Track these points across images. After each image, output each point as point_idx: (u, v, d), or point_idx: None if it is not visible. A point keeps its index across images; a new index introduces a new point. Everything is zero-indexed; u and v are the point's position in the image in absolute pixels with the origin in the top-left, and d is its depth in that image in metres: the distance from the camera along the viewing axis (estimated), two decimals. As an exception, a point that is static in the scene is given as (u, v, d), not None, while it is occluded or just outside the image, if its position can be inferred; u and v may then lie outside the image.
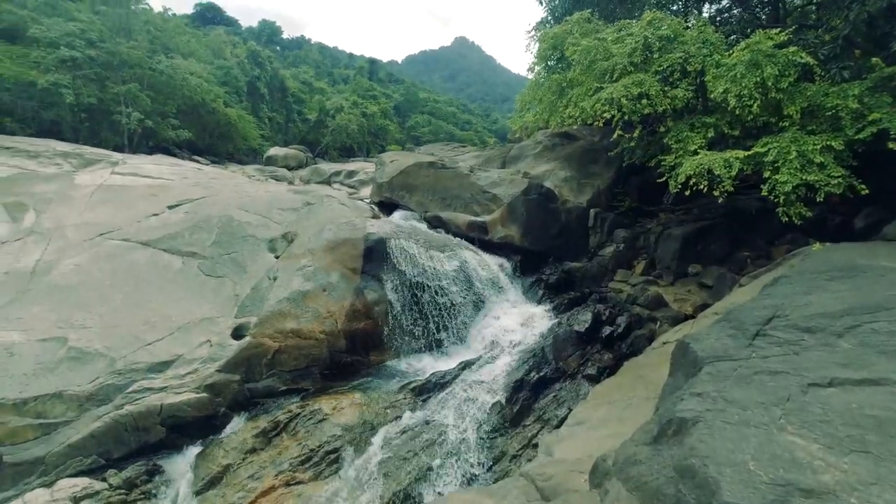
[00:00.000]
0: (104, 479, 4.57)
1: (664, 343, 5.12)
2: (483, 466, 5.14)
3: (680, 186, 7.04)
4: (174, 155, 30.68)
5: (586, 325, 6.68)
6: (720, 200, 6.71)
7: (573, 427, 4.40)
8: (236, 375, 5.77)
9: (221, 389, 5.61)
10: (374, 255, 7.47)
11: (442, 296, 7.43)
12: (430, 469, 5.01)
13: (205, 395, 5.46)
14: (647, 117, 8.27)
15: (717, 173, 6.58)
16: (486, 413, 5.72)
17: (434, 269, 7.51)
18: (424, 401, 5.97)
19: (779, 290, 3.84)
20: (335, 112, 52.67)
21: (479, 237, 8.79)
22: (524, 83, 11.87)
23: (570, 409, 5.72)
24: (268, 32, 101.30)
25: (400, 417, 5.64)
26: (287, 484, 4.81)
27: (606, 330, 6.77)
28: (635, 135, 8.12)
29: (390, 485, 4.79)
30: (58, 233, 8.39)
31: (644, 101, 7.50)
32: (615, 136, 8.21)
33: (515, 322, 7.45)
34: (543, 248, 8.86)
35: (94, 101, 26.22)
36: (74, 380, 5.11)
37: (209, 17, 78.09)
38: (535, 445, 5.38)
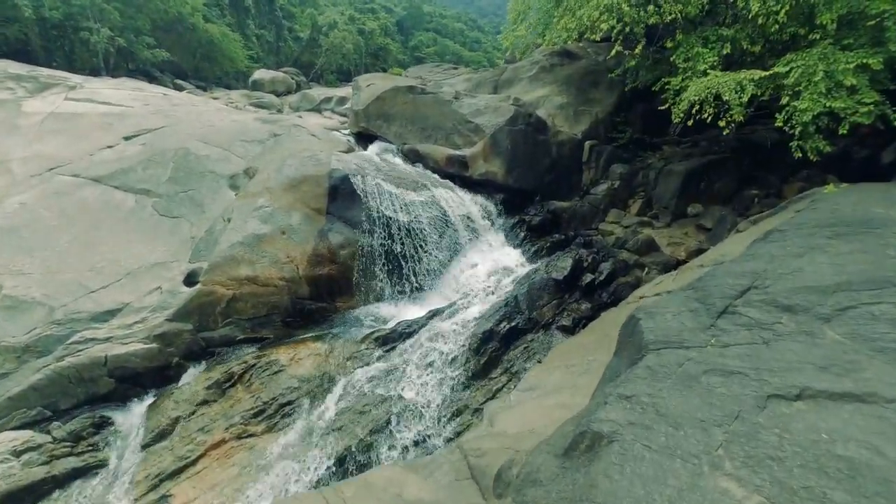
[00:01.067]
0: (48, 432, 4.45)
1: (641, 298, 4.64)
2: (442, 421, 4.97)
3: (683, 115, 6.14)
4: (155, 79, 28.70)
5: (565, 273, 6.19)
6: (726, 132, 5.85)
7: (523, 393, 4.09)
8: (188, 325, 5.47)
9: (172, 339, 5.35)
10: (340, 194, 6.84)
11: (414, 238, 6.90)
12: (387, 423, 4.84)
13: (154, 345, 5.20)
14: (654, 29, 7.07)
15: (725, 99, 5.65)
16: (451, 364, 5.46)
17: (405, 209, 6.90)
18: (388, 351, 5.70)
19: (767, 248, 3.25)
20: (328, 29, 48.54)
21: (458, 173, 8.04)
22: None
23: (539, 361, 5.45)
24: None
25: (361, 368, 5.40)
26: (238, 437, 4.68)
27: (587, 278, 6.30)
28: (637, 51, 6.99)
29: (344, 439, 4.64)
30: (2, 167, 7.76)
31: (650, 8, 6.34)
32: (613, 52, 7.09)
33: (492, 267, 6.99)
34: (530, 186, 8.13)
35: (59, 15, 23.99)
36: (9, 330, 4.83)
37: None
38: (498, 398, 5.18)
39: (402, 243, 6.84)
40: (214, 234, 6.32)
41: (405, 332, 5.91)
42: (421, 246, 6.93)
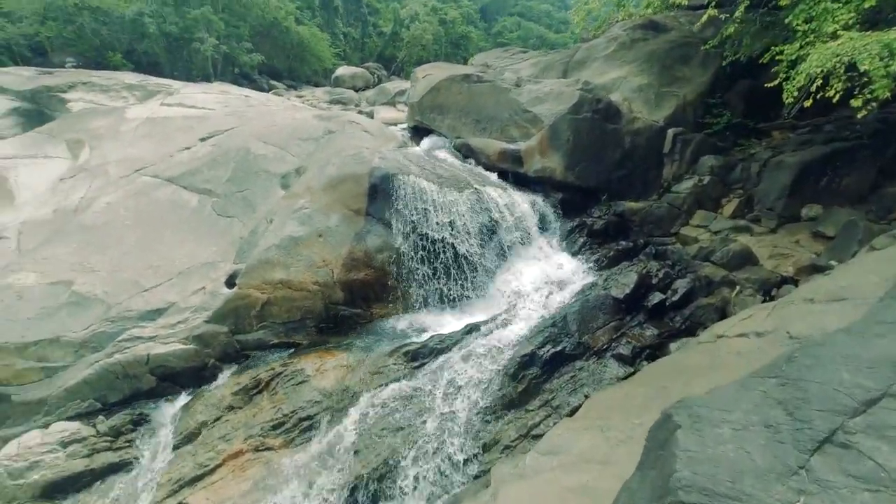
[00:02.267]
0: (94, 426, 4.74)
1: (718, 337, 3.59)
2: (468, 454, 4.40)
3: (797, 94, 4.74)
4: (253, 81, 31.35)
5: (627, 290, 5.21)
6: (862, 115, 4.37)
7: (541, 457, 3.35)
8: (224, 327, 5.55)
9: (209, 341, 5.45)
10: (380, 194, 6.50)
11: (455, 243, 6.34)
12: (406, 453, 4.41)
13: (192, 346, 5.34)
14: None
15: (864, 69, 4.20)
16: (484, 390, 4.86)
17: (447, 210, 6.36)
18: (417, 368, 5.26)
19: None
20: (410, 21, 49.05)
21: (512, 169, 7.27)
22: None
23: (587, 396, 4.61)
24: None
25: (385, 385, 5.04)
26: (256, 449, 4.59)
27: (655, 297, 5.23)
28: (738, 14, 5.58)
29: (357, 465, 4.31)
30: (101, 169, 8.67)
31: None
32: (705, 17, 5.75)
33: (543, 278, 6.17)
34: (595, 184, 7.08)
35: (175, 28, 27.05)
36: (71, 325, 5.25)
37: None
38: (536, 436, 4.47)
39: (443, 248, 6.31)
40: (257, 235, 6.37)
41: (437, 348, 5.42)
42: (464, 251, 6.35)
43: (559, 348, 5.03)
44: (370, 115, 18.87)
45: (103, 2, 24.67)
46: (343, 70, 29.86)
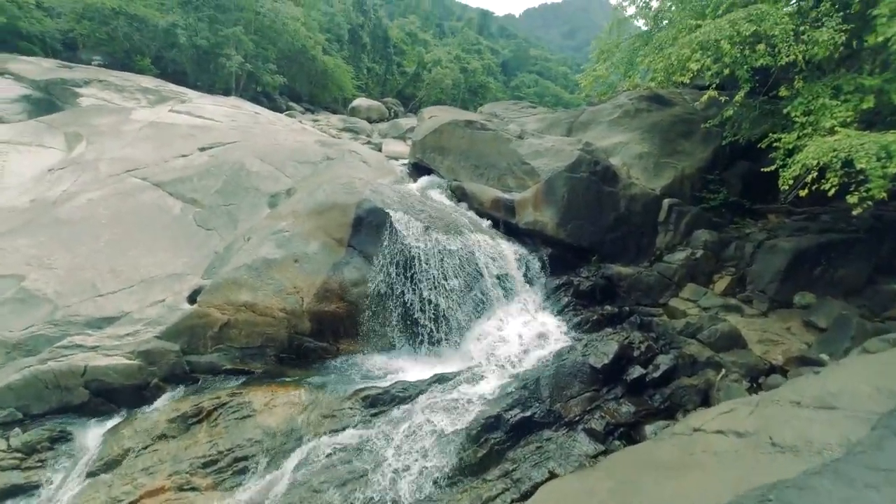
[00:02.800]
0: (6, 438, 4.29)
1: (695, 430, 3.28)
2: (411, 524, 3.95)
3: (792, 182, 4.67)
4: (274, 100, 32.20)
5: (606, 360, 4.91)
6: (855, 212, 4.28)
7: None
8: (176, 345, 5.18)
9: (157, 358, 5.07)
10: (366, 227, 6.32)
11: (436, 286, 6.09)
12: (341, 512, 3.95)
13: (136, 362, 4.95)
14: (763, 72, 5.69)
15: (860, 167, 4.14)
16: (442, 450, 4.45)
17: (431, 252, 6.15)
18: (375, 415, 4.86)
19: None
20: (432, 65, 51.28)
21: (504, 219, 7.14)
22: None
23: (551, 472, 4.22)
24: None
25: (337, 432, 4.62)
26: (180, 488, 4.12)
27: (635, 371, 4.93)
28: (738, 98, 5.64)
29: (285, 522, 3.84)
30: (93, 165, 8.54)
31: (760, 48, 5.01)
32: (706, 97, 5.81)
33: (521, 334, 5.88)
34: (586, 243, 6.93)
35: (205, 42, 28.00)
36: (11, 324, 4.89)
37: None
38: (489, 512, 4.04)
39: (422, 290, 6.06)
40: (231, 252, 6.13)
41: (400, 396, 5.04)
42: (443, 296, 6.09)
43: (528, 413, 4.67)
44: (379, 147, 19.12)
45: (140, 10, 25.66)
46: (360, 101, 30.73)
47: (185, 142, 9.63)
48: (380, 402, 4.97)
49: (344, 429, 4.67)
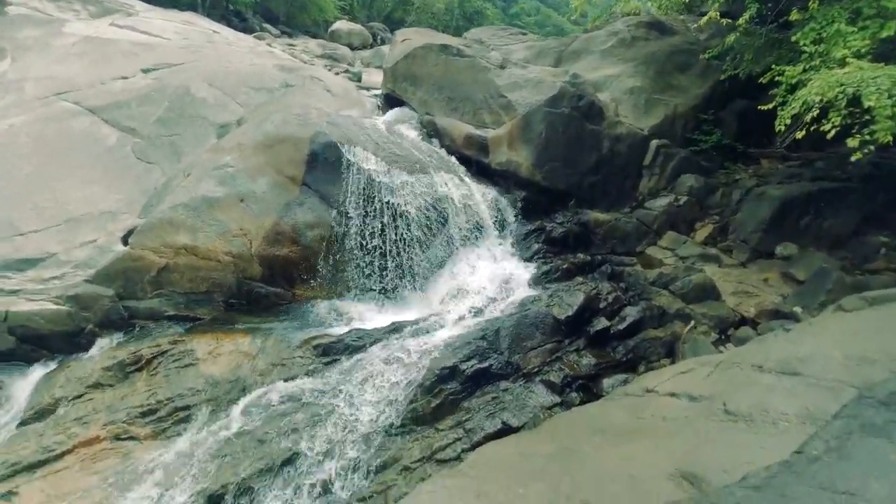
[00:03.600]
0: (-78, 387, 3.98)
1: (647, 391, 3.06)
2: (359, 472, 3.84)
3: (788, 121, 4.18)
4: (245, 20, 29.18)
5: (569, 312, 4.66)
6: (855, 157, 3.85)
7: None
8: (109, 290, 4.77)
9: (89, 304, 4.68)
10: (321, 164, 5.73)
11: (398, 229, 5.66)
12: (288, 461, 3.81)
13: (66, 307, 4.56)
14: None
15: (868, 105, 3.64)
16: (394, 399, 4.28)
17: (393, 192, 5.65)
18: (326, 364, 4.63)
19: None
20: (422, -17, 46.73)
21: (476, 158, 6.57)
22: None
23: (504, 423, 4.10)
24: None
25: (285, 380, 4.40)
26: (116, 437, 3.92)
27: (600, 323, 4.71)
28: (742, 21, 4.94)
29: (226, 472, 3.69)
30: (17, 85, 7.56)
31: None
32: (704, 21, 5.09)
33: (487, 281, 5.57)
34: (563, 186, 6.46)
35: (162, -51, 24.74)
36: (-84, 265, 4.40)
37: None
38: (440, 461, 3.94)
39: (382, 233, 5.63)
40: (169, 188, 5.54)
41: (353, 345, 4.79)
42: (405, 239, 5.68)
43: (485, 365, 4.48)
44: (359, 76, 17.62)
45: None
46: (340, 24, 28.02)
47: (126, 61, 8.54)
48: (332, 351, 4.73)
49: (293, 378, 4.45)
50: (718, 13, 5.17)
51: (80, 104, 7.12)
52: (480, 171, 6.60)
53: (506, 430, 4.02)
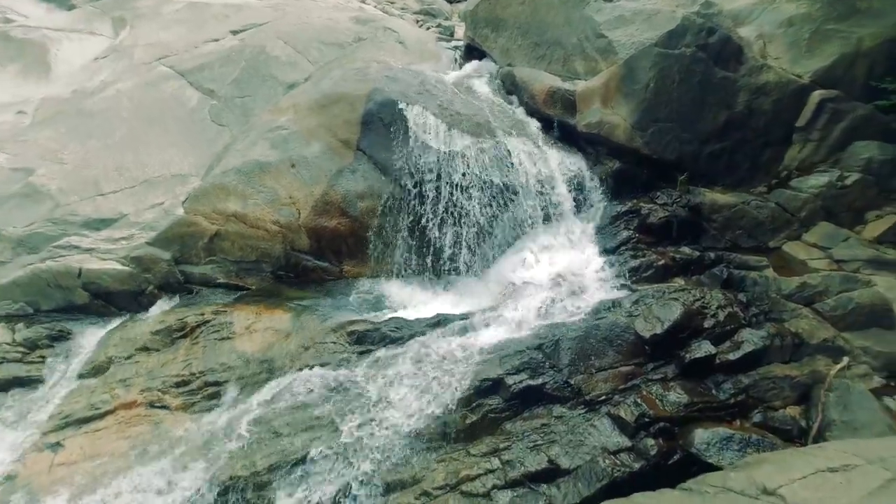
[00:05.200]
0: (13, 331, 4.43)
1: (765, 492, 1.90)
2: (369, 486, 3.40)
3: None
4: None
5: (658, 328, 3.52)
6: None
7: None
8: (167, 253, 4.84)
9: (149, 265, 4.80)
10: (377, 126, 5.12)
11: (458, 203, 4.89)
12: (301, 461, 3.51)
13: (129, 267, 4.73)
14: None
15: None
16: (423, 408, 3.71)
17: (454, 159, 4.84)
18: (360, 354, 4.19)
19: None
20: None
21: (560, 118, 5.35)
22: None
23: (551, 461, 3.28)
24: None
25: (312, 369, 4.08)
26: (151, 404, 3.97)
27: (700, 348, 3.49)
28: None
29: (239, 463, 3.51)
30: (129, 52, 8.13)
31: None
32: None
33: (557, 273, 4.56)
34: (674, 156, 4.98)
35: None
36: (14, 219, 4.85)
37: None
38: (466, 494, 3.31)
39: (440, 206, 4.91)
40: (229, 152, 5.42)
41: (391, 336, 4.27)
42: (463, 215, 4.89)
43: (537, 382, 3.63)
44: (451, 31, 16.48)
45: None
46: (441, -25, 26.63)
47: (218, 24, 8.71)
48: (367, 340, 4.26)
49: (323, 365, 4.10)
50: None
51: (174, 68, 7.38)
52: (565, 135, 5.40)
53: (552, 472, 3.20)
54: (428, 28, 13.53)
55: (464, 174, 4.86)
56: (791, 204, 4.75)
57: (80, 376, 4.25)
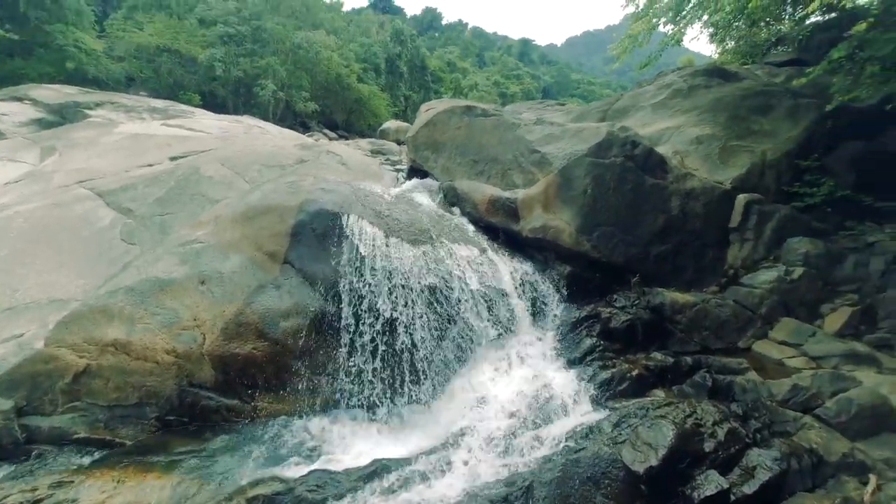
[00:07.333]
0: None
1: None
2: None
3: None
4: (308, 128, 32.38)
5: (652, 458, 2.77)
6: None
7: None
8: (7, 401, 3.63)
9: (-22, 420, 3.53)
10: (308, 236, 4.63)
11: (396, 321, 4.23)
12: None
13: (-56, 425, 3.43)
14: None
15: None
16: None
17: (392, 271, 4.34)
18: (264, 531, 2.99)
19: None
20: (469, 90, 50.92)
21: (503, 226, 5.21)
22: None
23: None
24: (429, 19, 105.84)
25: (188, 562, 2.79)
26: None
27: (708, 483, 2.73)
28: (862, 28, 3.50)
29: None
30: (47, 177, 7.60)
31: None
32: (813, 75, 3.73)
33: (517, 396, 3.82)
34: (622, 259, 4.82)
35: (242, 74, 28.73)
36: None
37: (381, 6, 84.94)
38: None
39: (381, 325, 4.21)
40: (126, 270, 4.63)
41: (307, 500, 3.14)
42: (407, 333, 4.21)
43: (508, 553, 2.61)
44: (396, 162, 17.71)
45: (182, 46, 26.67)
46: (389, 124, 29.96)
47: (158, 151, 8.58)
48: (277, 506, 3.10)
49: (204, 556, 2.83)
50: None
51: (94, 189, 6.86)
52: (510, 241, 5.20)
53: None
54: (374, 157, 14.45)
55: (404, 286, 4.33)
56: (749, 300, 4.55)
57: None
